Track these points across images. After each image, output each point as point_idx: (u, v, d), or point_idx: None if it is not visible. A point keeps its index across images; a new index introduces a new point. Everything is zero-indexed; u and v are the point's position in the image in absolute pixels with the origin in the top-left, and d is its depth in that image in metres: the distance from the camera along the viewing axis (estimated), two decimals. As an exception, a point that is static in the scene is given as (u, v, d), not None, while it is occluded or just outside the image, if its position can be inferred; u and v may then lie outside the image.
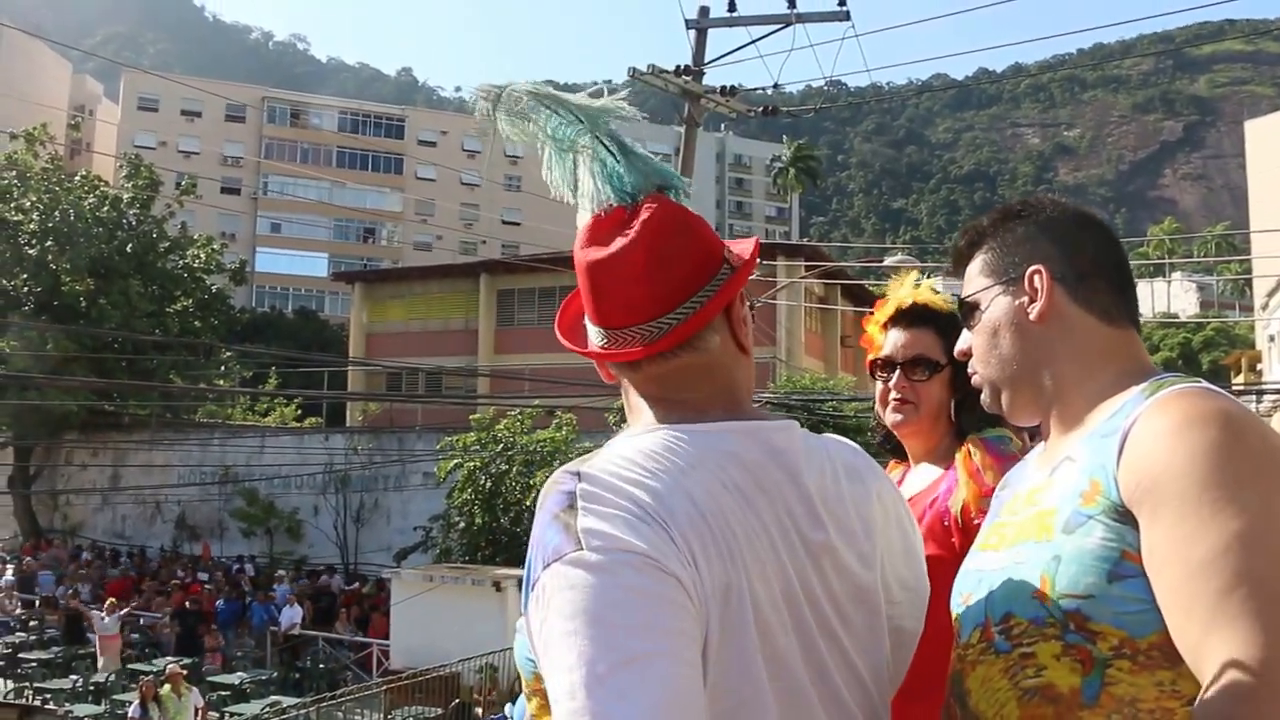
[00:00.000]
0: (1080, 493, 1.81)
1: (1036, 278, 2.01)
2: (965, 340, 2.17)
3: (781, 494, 1.79)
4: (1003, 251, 2.09)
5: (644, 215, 1.84)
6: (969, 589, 2.00)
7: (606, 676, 1.48)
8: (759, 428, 1.83)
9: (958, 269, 2.23)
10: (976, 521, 2.70)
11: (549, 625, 1.56)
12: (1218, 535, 1.62)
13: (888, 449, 3.37)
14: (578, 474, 1.68)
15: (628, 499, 1.64)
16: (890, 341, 3.23)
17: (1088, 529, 1.77)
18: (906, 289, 3.27)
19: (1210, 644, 1.58)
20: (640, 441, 1.75)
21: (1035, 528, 1.88)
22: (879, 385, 3.24)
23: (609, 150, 1.90)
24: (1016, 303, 2.04)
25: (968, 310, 2.14)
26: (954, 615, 2.04)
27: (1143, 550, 1.71)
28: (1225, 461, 1.67)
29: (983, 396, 2.14)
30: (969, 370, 2.18)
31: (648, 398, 1.88)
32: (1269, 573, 1.58)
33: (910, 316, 3.23)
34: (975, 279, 2.13)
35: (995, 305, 2.07)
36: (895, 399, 3.17)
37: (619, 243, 1.83)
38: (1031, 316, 2.01)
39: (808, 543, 1.79)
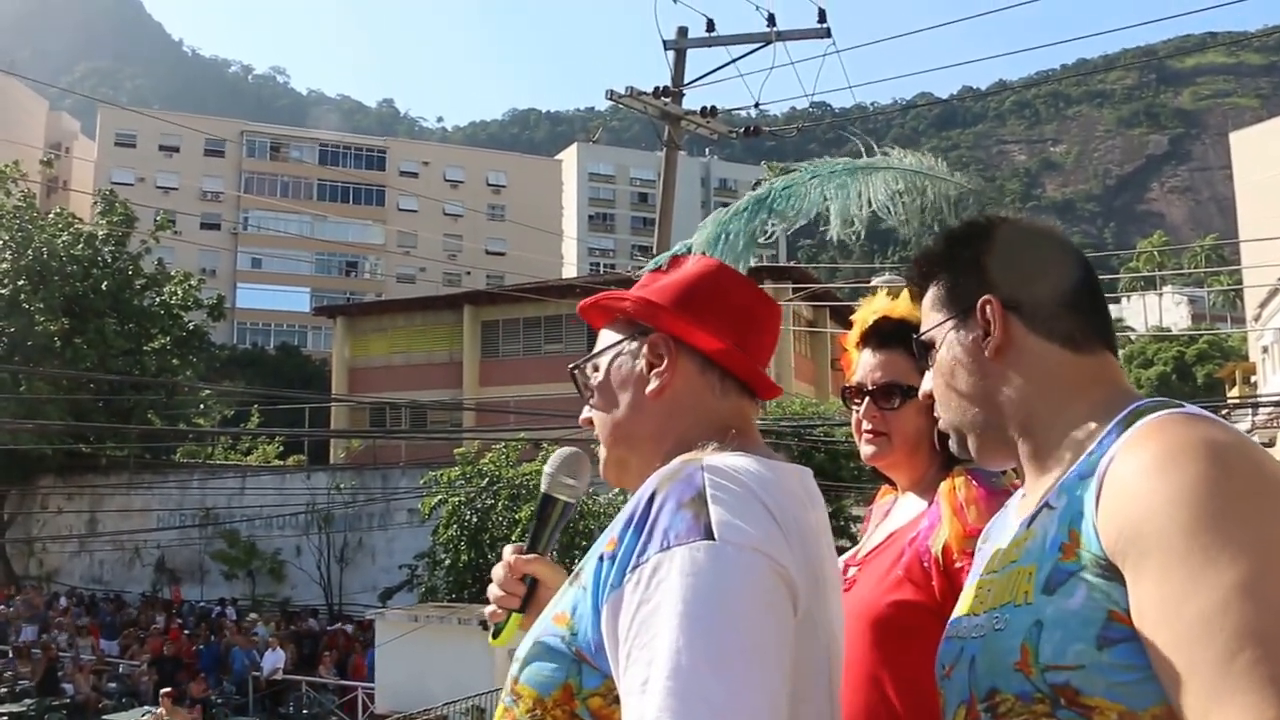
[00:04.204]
0: (1060, 545, 1.64)
1: (988, 308, 1.86)
2: (927, 382, 2.00)
3: (818, 528, 1.84)
4: (952, 282, 1.95)
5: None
6: (950, 660, 1.82)
7: (718, 666, 1.50)
8: (796, 467, 1.91)
9: (915, 304, 2.07)
10: (959, 564, 2.58)
11: (656, 605, 1.56)
12: (1212, 588, 1.43)
13: (881, 475, 3.08)
14: (701, 466, 1.71)
15: (754, 498, 1.67)
16: (860, 365, 2.97)
17: (1070, 588, 1.59)
18: (875, 304, 3.00)
19: (1216, 719, 1.38)
20: (742, 459, 1.77)
21: (1014, 588, 1.70)
22: (853, 414, 2.99)
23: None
24: (970, 338, 1.88)
25: (923, 349, 1.98)
26: (939, 689, 1.86)
27: (1131, 610, 1.51)
28: (1213, 500, 1.47)
29: (950, 442, 1.97)
30: (934, 414, 2.01)
31: (727, 427, 1.93)
32: (1275, 629, 1.38)
33: (879, 336, 2.95)
34: (928, 314, 1.99)
35: (949, 342, 1.92)
36: (866, 430, 2.92)
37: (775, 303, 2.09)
38: (987, 352, 1.86)
39: (825, 579, 1.82)
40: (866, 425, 2.92)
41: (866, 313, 2.98)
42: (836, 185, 2.24)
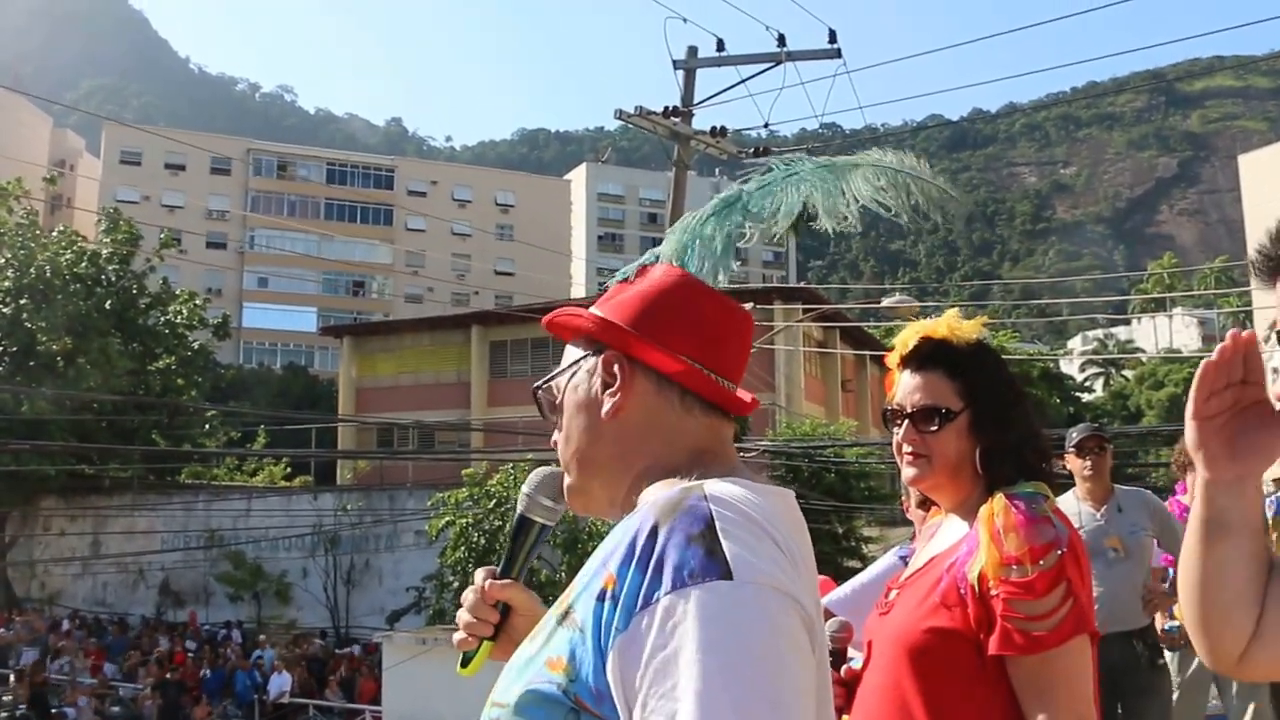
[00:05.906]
0: None
1: None
2: None
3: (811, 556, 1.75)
4: None
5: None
6: None
7: (745, 715, 1.41)
8: (782, 490, 1.79)
9: (1272, 280, 1.59)
10: (995, 593, 2.53)
11: (675, 651, 1.46)
12: None
13: (891, 496, 2.75)
14: (704, 495, 1.61)
15: (764, 532, 1.58)
16: (900, 387, 2.91)
17: None
18: (917, 324, 2.94)
19: None
20: (737, 488, 1.66)
21: None
22: (893, 436, 2.93)
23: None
24: None
25: None
26: None
27: None
28: None
29: None
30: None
31: (700, 448, 1.82)
32: None
33: (919, 357, 2.89)
34: None
35: None
36: (907, 453, 2.86)
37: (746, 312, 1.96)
38: None
39: (819, 609, 1.74)
40: (907, 448, 2.86)
41: (908, 333, 2.92)
42: (818, 181, 2.14)
